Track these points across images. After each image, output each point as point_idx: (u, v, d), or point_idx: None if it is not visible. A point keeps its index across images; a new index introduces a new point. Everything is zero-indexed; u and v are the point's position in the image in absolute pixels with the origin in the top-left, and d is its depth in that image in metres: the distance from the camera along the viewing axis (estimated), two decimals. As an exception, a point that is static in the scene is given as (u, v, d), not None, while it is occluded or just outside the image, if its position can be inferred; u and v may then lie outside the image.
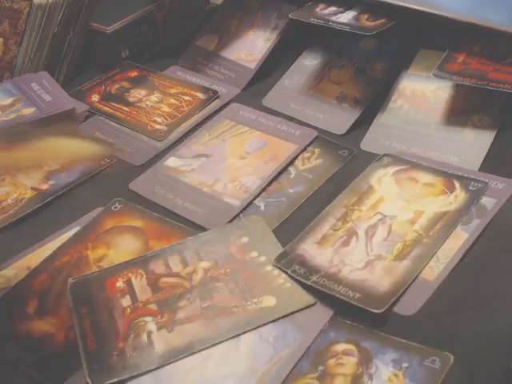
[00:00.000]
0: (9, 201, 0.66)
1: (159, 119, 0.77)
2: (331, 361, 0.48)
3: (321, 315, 0.51)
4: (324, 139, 0.71)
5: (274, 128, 0.73)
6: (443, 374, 0.45)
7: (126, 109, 0.79)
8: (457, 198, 0.60)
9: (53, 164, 0.65)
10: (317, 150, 0.70)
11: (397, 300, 0.51)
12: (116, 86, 0.84)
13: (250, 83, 0.82)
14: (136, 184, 0.68)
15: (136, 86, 0.83)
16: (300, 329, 0.50)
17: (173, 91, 0.82)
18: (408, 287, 0.52)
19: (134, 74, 0.86)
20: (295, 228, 0.60)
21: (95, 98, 0.82)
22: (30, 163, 0.53)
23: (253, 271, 0.56)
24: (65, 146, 0.51)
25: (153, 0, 0.90)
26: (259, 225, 0.60)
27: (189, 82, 0.84)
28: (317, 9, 0.78)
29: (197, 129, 0.75)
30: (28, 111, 0.74)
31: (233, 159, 0.70)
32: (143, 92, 0.82)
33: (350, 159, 0.68)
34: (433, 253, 0.55)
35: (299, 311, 0.52)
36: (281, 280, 0.54)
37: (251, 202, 0.64)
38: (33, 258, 0.59)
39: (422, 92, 0.73)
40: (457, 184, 0.62)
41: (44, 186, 0.68)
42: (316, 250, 0.57)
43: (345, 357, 0.48)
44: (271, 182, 0.66)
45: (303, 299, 0.52)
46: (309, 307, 0.52)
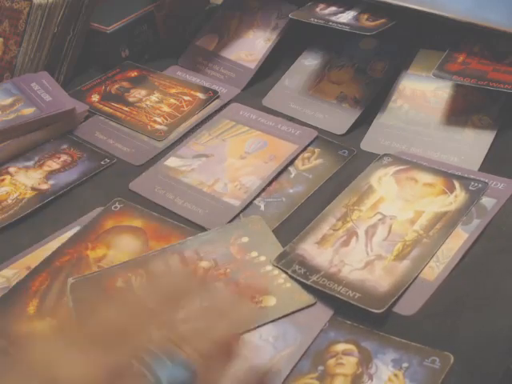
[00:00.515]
0: (9, 201, 0.66)
1: (159, 119, 0.77)
2: (331, 361, 0.48)
3: (321, 315, 0.51)
4: (324, 139, 0.71)
5: (274, 128, 0.73)
6: (443, 374, 0.45)
7: (126, 109, 0.79)
8: (457, 198, 0.60)
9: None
10: (317, 150, 0.70)
11: (397, 300, 0.51)
12: (116, 86, 0.84)
13: (250, 83, 0.82)
14: (136, 184, 0.68)
15: (136, 86, 0.83)
16: (300, 328, 0.50)
17: (173, 91, 0.82)
18: (408, 287, 0.52)
19: (134, 74, 0.86)
20: (295, 228, 0.60)
21: (95, 98, 0.82)
22: None
23: (253, 271, 0.56)
24: None
25: (153, 0, 0.90)
26: (259, 225, 0.60)
27: (189, 82, 0.84)
28: (317, 9, 0.78)
29: (197, 129, 0.75)
30: (28, 111, 0.74)
31: (233, 159, 0.70)
32: (143, 92, 0.82)
33: (350, 159, 0.68)
34: (433, 253, 0.55)
35: (299, 311, 0.52)
36: (281, 280, 0.54)
37: (251, 202, 0.64)
38: (33, 258, 0.59)
39: (422, 92, 0.73)
40: (457, 184, 0.62)
41: (44, 186, 0.68)
42: (316, 250, 0.57)
43: (345, 357, 0.48)
44: (271, 182, 0.66)
45: (303, 299, 0.52)
46: (309, 307, 0.52)
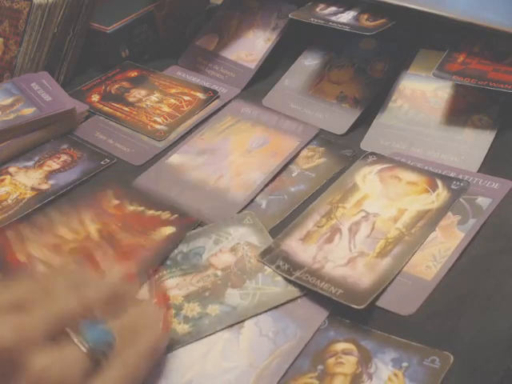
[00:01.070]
0: (9, 201, 0.66)
1: (159, 119, 0.77)
2: (331, 360, 0.48)
3: (320, 309, 0.52)
4: (328, 139, 0.71)
5: (277, 124, 0.74)
6: (443, 374, 0.45)
7: (126, 109, 0.79)
8: (439, 197, 0.60)
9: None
10: (320, 149, 0.70)
11: (379, 295, 0.52)
12: (116, 86, 0.84)
13: (250, 83, 0.82)
14: (140, 181, 0.69)
15: (136, 86, 0.83)
16: (300, 323, 0.50)
17: (173, 91, 0.82)
18: (390, 283, 0.53)
19: (134, 74, 0.86)
20: (295, 228, 0.60)
21: (95, 98, 0.82)
22: None
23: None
24: None
25: (153, 0, 0.91)
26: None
27: (189, 82, 0.84)
28: (317, 9, 0.78)
29: (197, 129, 0.75)
30: (28, 111, 0.74)
31: (236, 155, 0.70)
32: (143, 92, 0.82)
33: (351, 159, 0.68)
34: (414, 250, 0.55)
35: (299, 306, 0.52)
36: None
37: (255, 198, 0.64)
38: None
39: (422, 92, 0.73)
40: (439, 183, 0.62)
41: (44, 186, 0.68)
42: (300, 247, 0.57)
43: (344, 356, 0.48)
44: (275, 178, 0.66)
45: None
46: (300, 299, 0.53)
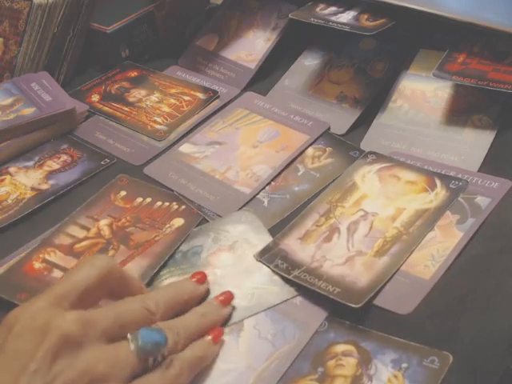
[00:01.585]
0: (9, 201, 0.66)
1: (159, 119, 0.77)
2: (331, 362, 0.48)
3: (319, 311, 0.52)
4: (337, 138, 0.71)
5: (287, 118, 0.74)
6: (442, 374, 0.45)
7: (126, 109, 0.79)
8: (437, 196, 0.61)
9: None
10: (328, 149, 0.70)
11: (376, 294, 0.52)
12: (116, 86, 0.84)
13: (250, 83, 0.82)
14: (150, 168, 0.69)
15: (136, 86, 0.83)
16: (298, 325, 0.51)
17: (173, 91, 0.82)
18: (388, 282, 0.53)
19: (134, 74, 0.86)
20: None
21: (95, 98, 0.82)
22: None
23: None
24: None
25: (153, 0, 0.90)
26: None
27: (189, 82, 0.84)
28: (317, 9, 0.78)
29: (207, 121, 0.76)
30: (28, 111, 0.74)
31: (245, 148, 0.70)
32: (143, 92, 0.82)
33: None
34: (411, 249, 0.55)
35: (297, 308, 0.52)
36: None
37: (258, 194, 0.65)
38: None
39: (422, 92, 0.73)
40: (438, 182, 0.62)
41: (44, 186, 0.68)
42: (299, 246, 0.57)
43: (344, 358, 0.48)
44: (282, 171, 0.67)
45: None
46: (298, 301, 0.53)
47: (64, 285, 0.45)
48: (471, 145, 0.67)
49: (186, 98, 0.80)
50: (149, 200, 0.65)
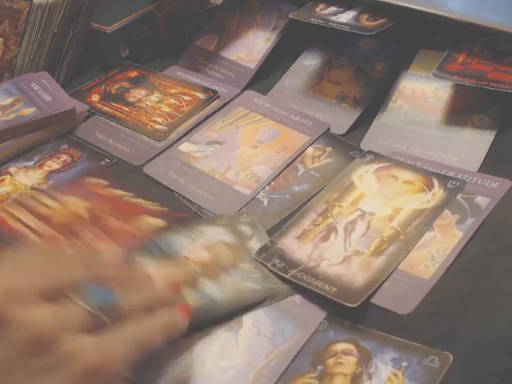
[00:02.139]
0: (9, 201, 0.66)
1: (159, 119, 0.77)
2: (330, 360, 0.48)
3: (318, 310, 0.52)
4: (337, 138, 0.71)
5: (287, 118, 0.74)
6: (442, 374, 0.45)
7: (126, 109, 0.79)
8: (435, 196, 0.61)
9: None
10: (328, 149, 0.70)
11: (372, 294, 0.52)
12: (116, 86, 0.84)
13: (250, 83, 0.82)
14: (150, 167, 0.69)
15: (136, 86, 0.83)
16: (298, 324, 0.51)
17: (173, 91, 0.82)
18: (386, 282, 0.53)
19: (134, 74, 0.86)
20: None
21: (95, 98, 0.82)
22: None
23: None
24: None
25: (153, 0, 0.91)
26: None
27: (189, 82, 0.84)
28: (317, 9, 0.78)
29: (207, 119, 0.76)
30: (28, 111, 0.74)
31: (245, 148, 0.70)
32: (143, 92, 0.82)
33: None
34: (408, 250, 0.56)
35: (297, 307, 0.52)
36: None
37: (258, 194, 0.64)
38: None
39: (422, 92, 0.73)
40: (435, 182, 0.62)
41: (44, 186, 0.68)
42: (296, 245, 0.57)
43: (344, 356, 0.48)
44: (282, 172, 0.67)
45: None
46: (298, 299, 0.53)
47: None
48: (471, 145, 0.67)
49: (186, 98, 0.80)
50: (129, 194, 0.64)
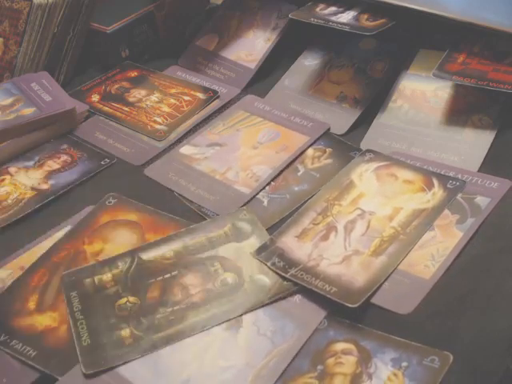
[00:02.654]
0: (9, 201, 0.66)
1: (159, 119, 0.77)
2: (330, 360, 0.48)
3: (318, 309, 0.52)
4: (337, 139, 0.71)
5: (287, 119, 0.74)
6: (442, 374, 0.45)
7: (126, 109, 0.79)
8: (434, 196, 0.61)
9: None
10: (328, 150, 0.70)
11: (372, 294, 0.52)
12: (116, 86, 0.84)
13: (250, 83, 0.82)
14: (151, 169, 0.70)
15: (136, 86, 0.83)
16: (298, 323, 0.51)
17: (173, 91, 0.82)
18: (386, 282, 0.53)
19: (134, 74, 0.86)
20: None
21: (95, 98, 0.82)
22: None
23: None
24: None
25: (153, 0, 0.91)
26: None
27: (189, 82, 0.84)
28: (317, 9, 0.78)
29: (207, 123, 0.76)
30: (28, 111, 0.74)
31: (245, 149, 0.71)
32: (143, 92, 0.82)
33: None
34: (408, 250, 0.56)
35: (297, 306, 0.52)
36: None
37: (258, 194, 0.65)
38: (26, 258, 0.60)
39: (422, 92, 0.73)
40: (435, 182, 0.62)
41: (44, 186, 0.68)
42: (296, 244, 0.57)
43: (344, 356, 0.48)
44: (282, 172, 0.67)
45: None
46: (298, 299, 0.53)
47: None
48: (471, 145, 0.67)
49: (186, 98, 0.80)
50: None
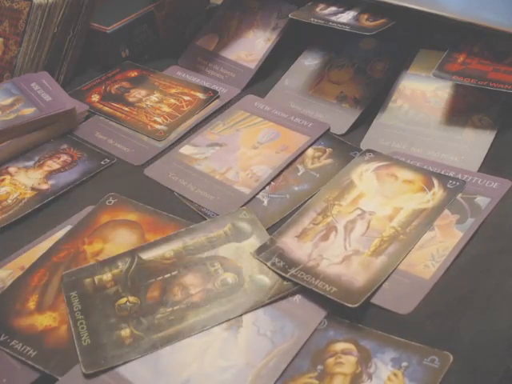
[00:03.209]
0: (9, 201, 0.66)
1: (159, 119, 0.77)
2: (330, 360, 0.48)
3: (318, 309, 0.52)
4: (337, 139, 0.71)
5: (287, 119, 0.74)
6: (442, 374, 0.45)
7: (126, 109, 0.79)
8: (434, 196, 0.61)
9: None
10: (328, 150, 0.70)
11: (373, 294, 0.52)
12: (116, 86, 0.84)
13: (250, 83, 0.82)
14: (151, 170, 0.70)
15: (136, 86, 0.83)
16: (298, 323, 0.51)
17: (173, 91, 0.82)
18: (386, 282, 0.53)
19: (134, 74, 0.86)
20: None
21: (95, 98, 0.82)
22: None
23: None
24: None
25: (153, 0, 0.91)
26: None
27: (189, 82, 0.84)
28: (317, 9, 0.78)
29: (207, 123, 0.76)
30: (28, 111, 0.74)
31: (245, 149, 0.71)
32: (143, 92, 0.82)
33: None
34: (408, 250, 0.56)
35: (297, 306, 0.52)
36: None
37: (258, 194, 0.65)
38: (26, 258, 0.60)
39: (422, 92, 0.73)
40: (435, 181, 0.62)
41: (44, 186, 0.68)
42: (296, 244, 0.57)
43: (344, 356, 0.48)
44: (282, 172, 0.67)
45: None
46: (298, 299, 0.53)
47: None
48: (471, 145, 0.67)
49: (186, 98, 0.80)
50: None
